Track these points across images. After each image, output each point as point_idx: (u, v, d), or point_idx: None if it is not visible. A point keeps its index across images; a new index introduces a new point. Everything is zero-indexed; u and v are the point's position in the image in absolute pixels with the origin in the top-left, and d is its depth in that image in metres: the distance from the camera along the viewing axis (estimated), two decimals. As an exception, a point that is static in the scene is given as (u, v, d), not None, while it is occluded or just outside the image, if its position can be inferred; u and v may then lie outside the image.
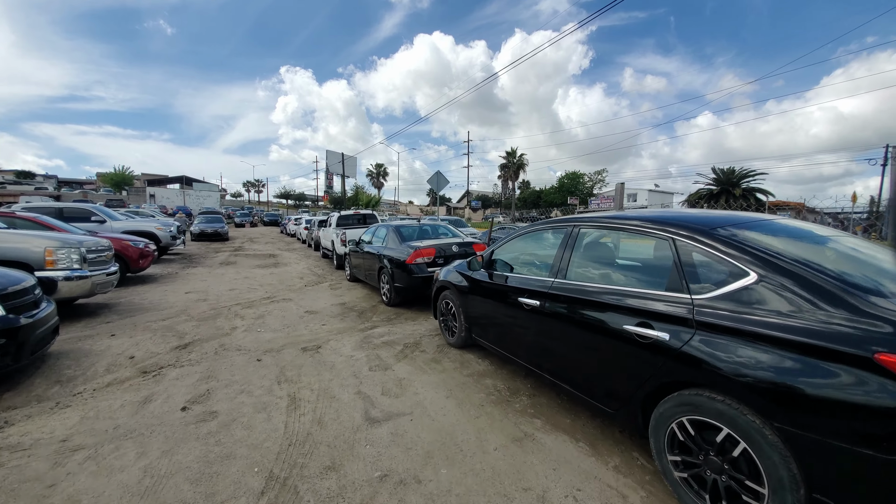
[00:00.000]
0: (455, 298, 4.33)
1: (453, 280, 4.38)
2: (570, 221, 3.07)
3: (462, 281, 4.22)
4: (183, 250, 15.46)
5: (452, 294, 4.39)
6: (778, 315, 1.76)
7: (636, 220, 2.59)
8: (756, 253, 1.96)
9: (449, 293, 4.47)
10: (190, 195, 60.49)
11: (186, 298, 7.48)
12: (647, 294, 2.30)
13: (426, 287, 6.11)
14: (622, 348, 2.34)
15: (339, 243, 11.34)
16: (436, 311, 4.91)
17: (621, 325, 2.34)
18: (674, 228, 2.31)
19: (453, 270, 4.51)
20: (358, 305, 6.95)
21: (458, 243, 6.51)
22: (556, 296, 2.85)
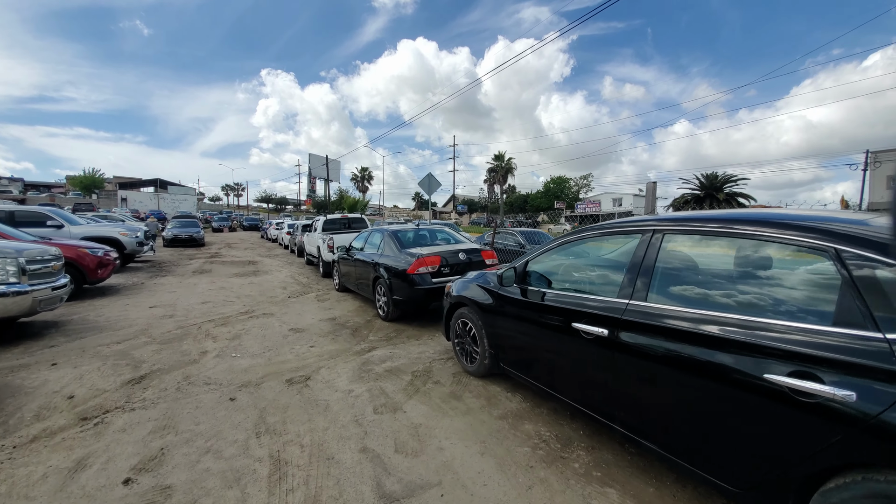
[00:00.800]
0: (476, 318, 3.57)
1: (473, 296, 3.62)
2: (645, 225, 2.36)
3: (486, 298, 3.47)
4: (152, 257, 14.24)
5: (472, 313, 3.63)
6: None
7: (758, 223, 1.89)
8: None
9: (467, 312, 3.71)
10: (164, 199, 58.09)
11: (150, 314, 6.50)
12: (799, 330, 1.59)
13: (430, 300, 5.35)
14: (762, 406, 1.63)
15: (325, 249, 10.45)
16: (448, 331, 4.15)
17: (760, 374, 1.62)
18: (833, 237, 1.61)
19: (472, 284, 3.75)
20: (351, 321, 6.11)
21: (465, 250, 5.77)
22: (637, 324, 2.12)
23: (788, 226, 1.78)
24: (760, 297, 1.90)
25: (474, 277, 3.86)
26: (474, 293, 3.64)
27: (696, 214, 2.24)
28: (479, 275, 3.85)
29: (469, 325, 3.71)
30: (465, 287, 3.87)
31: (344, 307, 7.11)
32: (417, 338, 5.19)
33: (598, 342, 2.32)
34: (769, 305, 1.82)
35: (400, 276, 5.51)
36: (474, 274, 4.04)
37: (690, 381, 1.90)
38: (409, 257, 5.52)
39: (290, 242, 18.58)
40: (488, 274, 3.65)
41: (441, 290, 5.36)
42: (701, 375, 1.85)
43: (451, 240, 6.64)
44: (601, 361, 2.33)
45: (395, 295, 5.66)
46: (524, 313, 3.01)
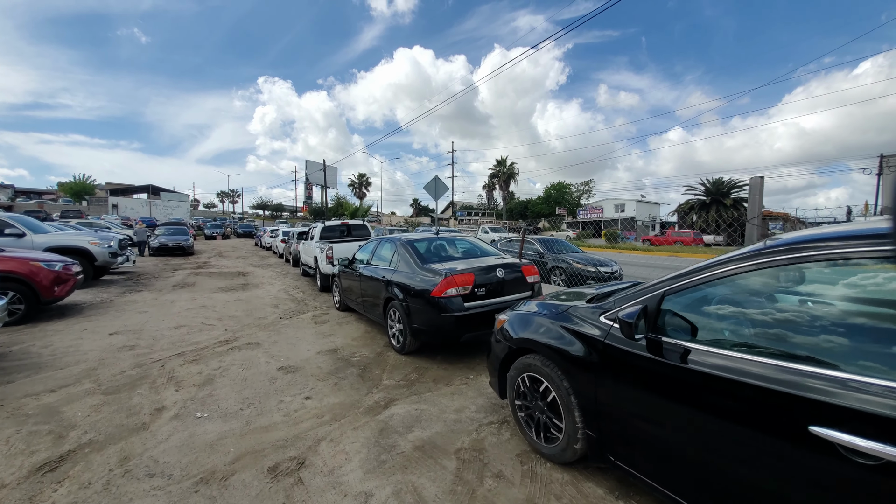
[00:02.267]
0: (559, 377, 2.34)
1: (552, 341, 2.40)
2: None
3: (578, 347, 2.24)
4: (132, 268, 12.93)
5: (550, 367, 2.41)
6: None
7: None
8: None
9: (540, 364, 2.48)
10: (157, 205, 56.57)
11: (107, 345, 5.23)
12: None
13: (462, 331, 4.13)
14: None
15: (323, 260, 9.20)
16: (503, 384, 2.92)
17: None
18: None
19: (544, 320, 2.54)
20: (357, 354, 4.86)
21: (502, 265, 4.56)
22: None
23: None
24: None
25: (546, 309, 2.64)
26: (552, 336, 2.42)
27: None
28: (551, 306, 2.63)
29: (544, 385, 2.48)
30: (529, 323, 2.66)
31: (347, 333, 5.86)
32: (447, 381, 3.95)
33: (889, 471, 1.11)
34: None
35: (422, 300, 4.29)
36: (540, 303, 2.83)
37: None
38: (432, 275, 4.30)
39: (284, 251, 17.31)
40: (576, 307, 2.43)
41: (476, 317, 4.14)
42: None
43: (478, 251, 5.43)
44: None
45: (414, 323, 4.43)
46: (669, 387, 1.80)
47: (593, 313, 2.26)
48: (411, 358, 4.67)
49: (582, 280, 9.40)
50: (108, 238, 9.75)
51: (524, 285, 4.73)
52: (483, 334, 4.44)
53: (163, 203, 58.99)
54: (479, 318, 4.20)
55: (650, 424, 1.89)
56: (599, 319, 2.19)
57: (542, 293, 4.95)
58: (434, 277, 4.25)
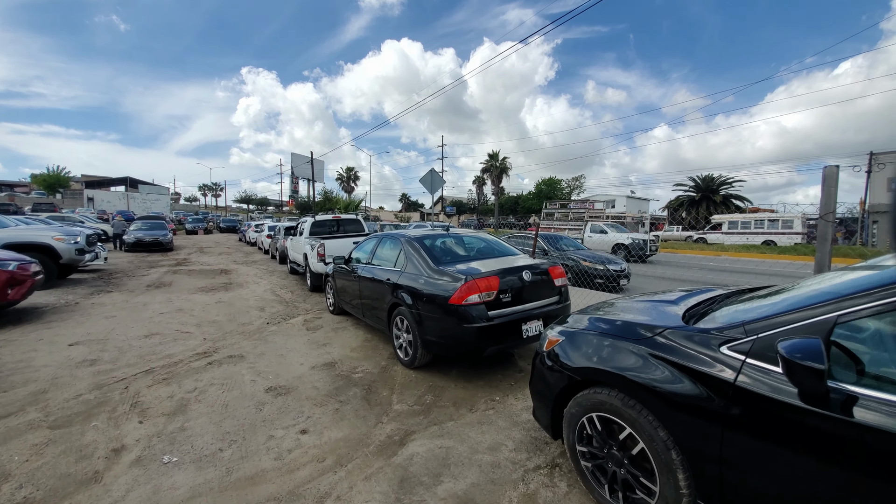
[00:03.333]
0: (654, 423, 1.74)
1: (638, 375, 1.80)
2: None
3: (683, 386, 1.65)
4: (103, 266, 11.95)
5: (640, 410, 1.80)
6: None
7: None
8: None
9: (621, 404, 1.88)
10: (135, 198, 54.41)
11: (65, 359, 4.47)
12: None
13: (487, 344, 3.52)
14: None
15: (314, 258, 8.48)
16: (559, 423, 2.30)
17: None
18: None
19: (623, 344, 1.94)
20: (358, 368, 4.21)
21: (527, 267, 3.95)
22: None
23: None
24: None
25: (616, 329, 2.05)
26: (638, 368, 1.82)
27: None
28: (626, 326, 2.03)
29: (625, 432, 1.88)
30: (598, 348, 2.05)
31: (344, 341, 5.19)
32: (470, 405, 3.34)
33: None
34: None
35: (438, 308, 3.65)
36: (603, 319, 2.22)
37: None
38: (450, 279, 3.66)
39: (270, 247, 16.43)
40: (673, 330, 1.82)
41: (502, 328, 3.54)
42: None
43: (494, 249, 4.81)
44: None
45: (427, 334, 3.79)
46: (856, 455, 1.21)
47: (706, 340, 1.66)
48: (422, 373, 4.04)
49: (590, 279, 8.88)
50: (75, 234, 8.83)
51: (551, 289, 4.13)
52: (508, 346, 3.85)
53: (141, 196, 56.76)
54: (505, 329, 3.59)
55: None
56: (721, 351, 1.59)
57: (569, 297, 4.37)
58: (452, 282, 3.61)
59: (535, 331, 3.80)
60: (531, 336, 3.77)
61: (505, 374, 4.01)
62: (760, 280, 10.59)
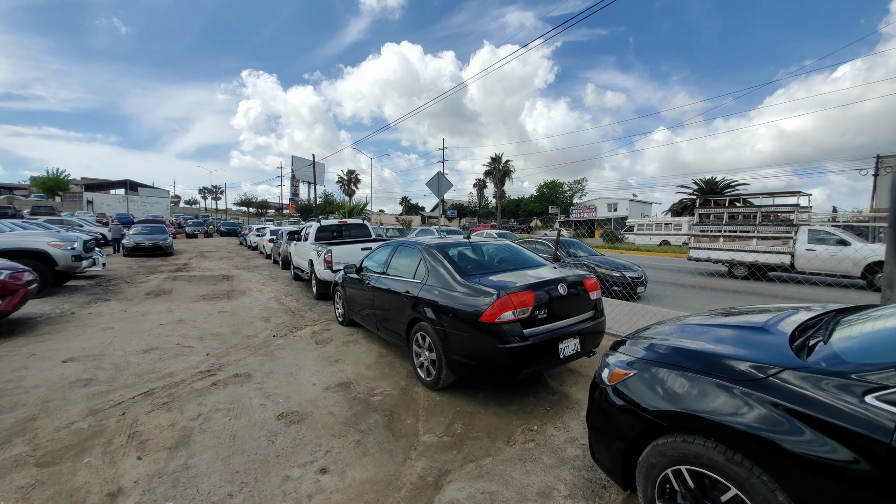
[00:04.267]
0: (771, 486, 1.40)
1: (748, 425, 1.46)
2: None
3: (815, 444, 1.32)
4: (101, 272, 11.60)
5: (752, 469, 1.46)
6: None
7: None
8: None
9: (723, 458, 1.54)
10: (135, 201, 54.14)
11: (58, 377, 4.13)
12: None
13: (522, 366, 3.18)
14: None
15: (321, 265, 8.14)
16: (630, 472, 1.96)
17: None
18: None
19: (721, 383, 1.61)
20: (377, 390, 3.86)
21: (562, 280, 3.62)
22: None
23: None
24: None
25: (700, 363, 1.72)
26: (747, 416, 1.48)
27: None
28: (714, 359, 1.70)
29: (730, 494, 1.54)
30: (683, 385, 1.72)
31: (357, 357, 4.85)
32: (506, 436, 3.00)
33: None
34: None
35: (467, 325, 3.32)
36: (680, 349, 1.89)
37: None
38: (481, 294, 3.33)
39: (272, 252, 16.10)
40: (790, 368, 1.49)
41: (539, 348, 3.21)
42: None
43: (522, 259, 4.47)
44: None
45: (454, 354, 3.46)
46: None
47: (845, 387, 1.33)
48: (447, 396, 3.70)
49: (606, 287, 8.54)
50: (71, 239, 8.49)
51: (587, 303, 3.80)
52: (545, 368, 3.51)
53: (141, 199, 56.48)
54: (542, 349, 3.25)
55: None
56: (867, 402, 1.27)
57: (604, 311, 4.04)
58: (483, 297, 3.27)
59: (572, 350, 3.46)
60: (568, 356, 3.43)
61: (537, 396, 3.67)
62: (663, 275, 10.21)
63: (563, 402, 3.57)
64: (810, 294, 9.47)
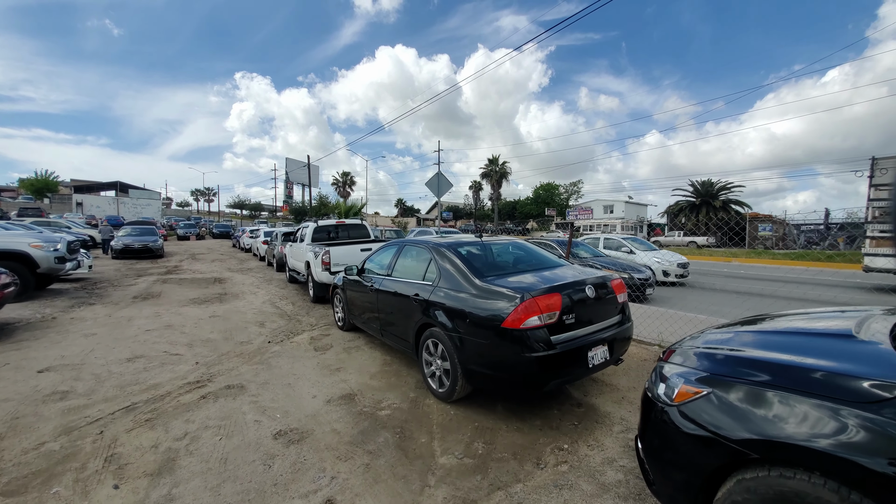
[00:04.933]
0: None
1: (884, 466, 1.16)
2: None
3: None
4: (88, 274, 11.13)
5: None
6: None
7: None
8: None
9: (839, 500, 1.24)
10: (125, 203, 53.16)
11: (31, 390, 3.74)
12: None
13: (549, 376, 2.87)
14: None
15: (318, 267, 7.78)
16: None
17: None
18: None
19: (836, 408, 1.30)
20: (384, 402, 3.51)
21: (590, 281, 3.31)
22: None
23: None
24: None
25: (801, 377, 1.41)
26: (880, 455, 1.18)
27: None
28: (805, 372, 1.39)
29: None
30: (781, 410, 1.40)
31: (360, 365, 4.50)
32: (535, 457, 2.66)
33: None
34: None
35: (487, 332, 2.99)
36: (758, 355, 1.58)
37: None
38: (501, 297, 3.00)
39: (266, 254, 15.67)
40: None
41: (568, 357, 2.89)
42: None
43: (540, 259, 4.14)
44: None
45: (472, 363, 3.12)
46: None
47: None
48: (462, 409, 3.36)
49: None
50: (54, 240, 8.05)
51: (614, 306, 3.50)
52: (573, 379, 3.19)
53: (132, 201, 55.50)
54: (571, 358, 2.93)
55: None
56: None
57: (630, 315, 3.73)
58: (505, 300, 2.95)
59: (601, 358, 3.15)
60: (597, 365, 3.11)
61: (562, 409, 3.34)
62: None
63: (590, 415, 3.25)
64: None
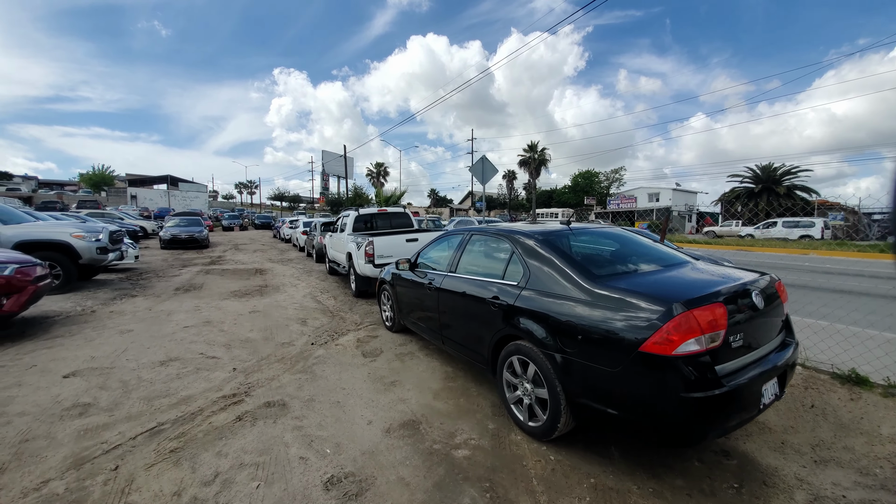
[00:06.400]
0: None
1: None
2: None
3: None
4: (134, 264, 11.15)
5: None
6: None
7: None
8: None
9: None
10: (175, 196, 55.77)
11: (51, 400, 3.27)
12: None
13: (712, 424, 1.96)
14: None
15: (361, 258, 7.13)
16: None
17: None
18: None
19: None
20: (458, 436, 2.74)
21: (758, 285, 2.35)
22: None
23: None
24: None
25: None
26: None
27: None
28: None
29: None
30: None
31: (418, 378, 3.76)
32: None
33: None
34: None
35: (615, 356, 2.13)
36: None
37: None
38: (632, 307, 2.12)
39: (306, 244, 15.40)
40: None
41: (740, 397, 1.99)
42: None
43: (659, 254, 3.20)
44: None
45: (584, 396, 2.28)
46: None
47: None
48: (564, 452, 2.54)
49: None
50: (96, 230, 7.87)
51: (780, 318, 2.53)
52: (740, 425, 2.27)
53: (181, 194, 58.19)
54: (742, 398, 2.02)
55: None
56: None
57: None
58: (643, 314, 2.06)
59: (772, 394, 2.21)
60: (766, 404, 2.19)
61: (704, 461, 2.44)
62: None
63: (751, 472, 2.33)
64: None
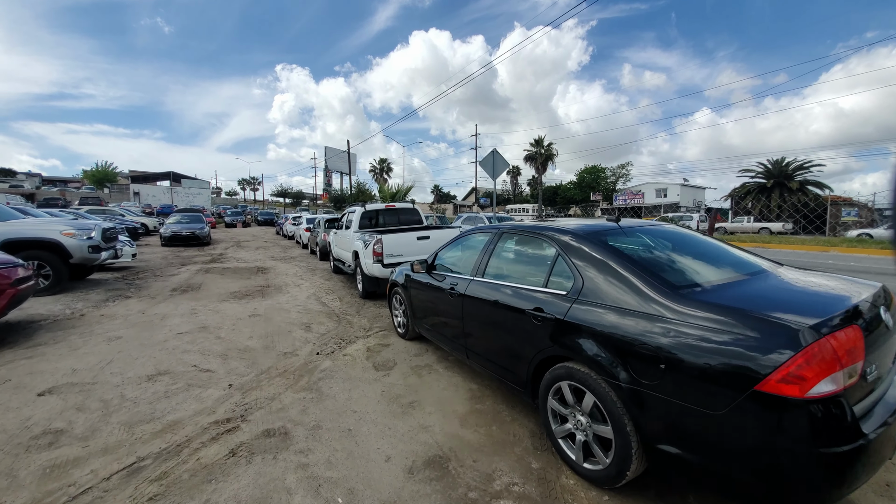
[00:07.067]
0: None
1: None
2: None
3: None
4: (131, 263, 10.73)
5: None
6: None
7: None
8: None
9: None
10: (178, 193, 55.45)
11: (19, 426, 2.83)
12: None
13: (845, 483, 1.45)
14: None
15: (369, 257, 6.66)
16: None
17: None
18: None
19: None
20: (496, 480, 2.27)
21: (878, 298, 1.87)
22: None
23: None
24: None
25: None
26: None
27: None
28: None
29: None
30: None
31: (440, 398, 3.29)
32: None
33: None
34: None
35: (717, 391, 1.64)
36: None
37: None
38: (741, 328, 1.63)
39: (309, 241, 14.96)
40: None
41: (878, 447, 1.47)
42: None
43: (732, 258, 2.69)
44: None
45: (669, 441, 1.80)
46: None
47: None
48: (628, 501, 2.06)
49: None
50: (88, 228, 7.43)
51: None
52: (870, 477, 1.78)
53: (184, 190, 57.87)
54: (881, 447, 1.54)
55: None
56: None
57: None
58: (758, 339, 1.57)
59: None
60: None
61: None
62: None
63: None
64: None
